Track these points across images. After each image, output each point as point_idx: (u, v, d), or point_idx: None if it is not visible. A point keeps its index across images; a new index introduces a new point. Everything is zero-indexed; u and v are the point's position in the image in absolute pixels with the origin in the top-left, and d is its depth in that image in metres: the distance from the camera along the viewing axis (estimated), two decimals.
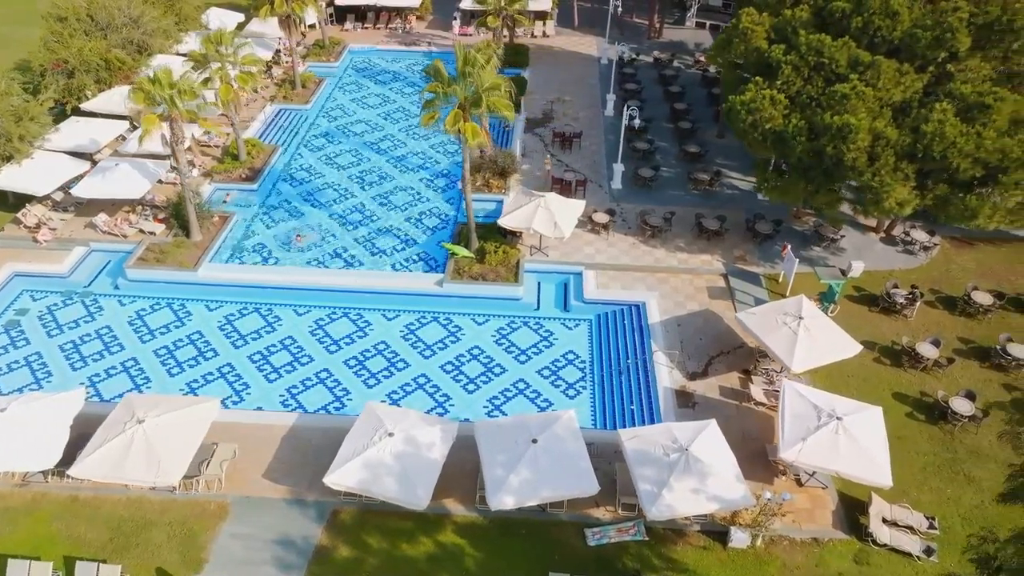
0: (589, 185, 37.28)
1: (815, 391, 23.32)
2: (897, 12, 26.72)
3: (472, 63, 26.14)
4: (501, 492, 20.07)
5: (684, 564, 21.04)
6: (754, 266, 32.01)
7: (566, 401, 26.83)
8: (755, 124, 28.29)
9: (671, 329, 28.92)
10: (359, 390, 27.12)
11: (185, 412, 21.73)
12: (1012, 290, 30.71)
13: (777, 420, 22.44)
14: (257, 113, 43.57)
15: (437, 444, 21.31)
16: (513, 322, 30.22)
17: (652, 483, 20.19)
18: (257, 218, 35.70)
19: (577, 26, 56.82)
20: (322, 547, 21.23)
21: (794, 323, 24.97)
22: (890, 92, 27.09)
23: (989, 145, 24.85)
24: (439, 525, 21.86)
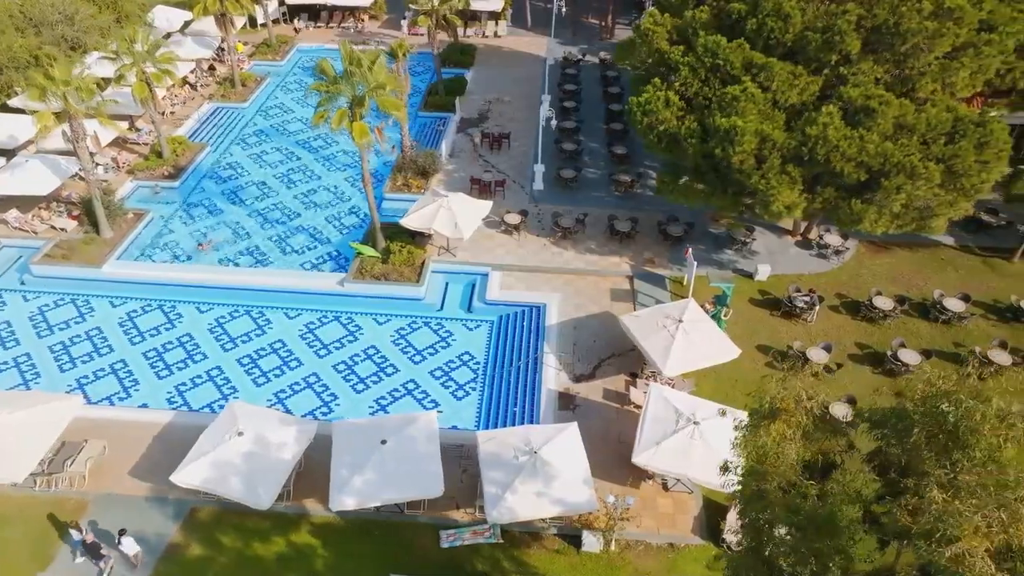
0: (511, 186, 37.16)
1: (682, 395, 23.15)
2: (789, 15, 26.49)
3: (357, 62, 26.05)
4: (343, 493, 20.01)
5: (535, 568, 20.93)
6: (662, 269, 31.83)
7: (453, 402, 26.75)
8: (651, 126, 28.14)
9: (567, 331, 28.80)
10: (247, 388, 27.09)
11: (41, 410, 21.73)
12: (919, 295, 30.47)
13: (639, 423, 22.28)
14: (193, 111, 43.63)
15: (290, 445, 21.27)
16: (414, 322, 30.14)
17: (498, 485, 20.09)
18: (175, 216, 35.78)
19: (530, 27, 56.69)
20: (174, 545, 21.21)
21: (673, 326, 24.80)
22: (785, 95, 26.90)
23: (872, 149, 24.64)
24: (295, 525, 21.81)
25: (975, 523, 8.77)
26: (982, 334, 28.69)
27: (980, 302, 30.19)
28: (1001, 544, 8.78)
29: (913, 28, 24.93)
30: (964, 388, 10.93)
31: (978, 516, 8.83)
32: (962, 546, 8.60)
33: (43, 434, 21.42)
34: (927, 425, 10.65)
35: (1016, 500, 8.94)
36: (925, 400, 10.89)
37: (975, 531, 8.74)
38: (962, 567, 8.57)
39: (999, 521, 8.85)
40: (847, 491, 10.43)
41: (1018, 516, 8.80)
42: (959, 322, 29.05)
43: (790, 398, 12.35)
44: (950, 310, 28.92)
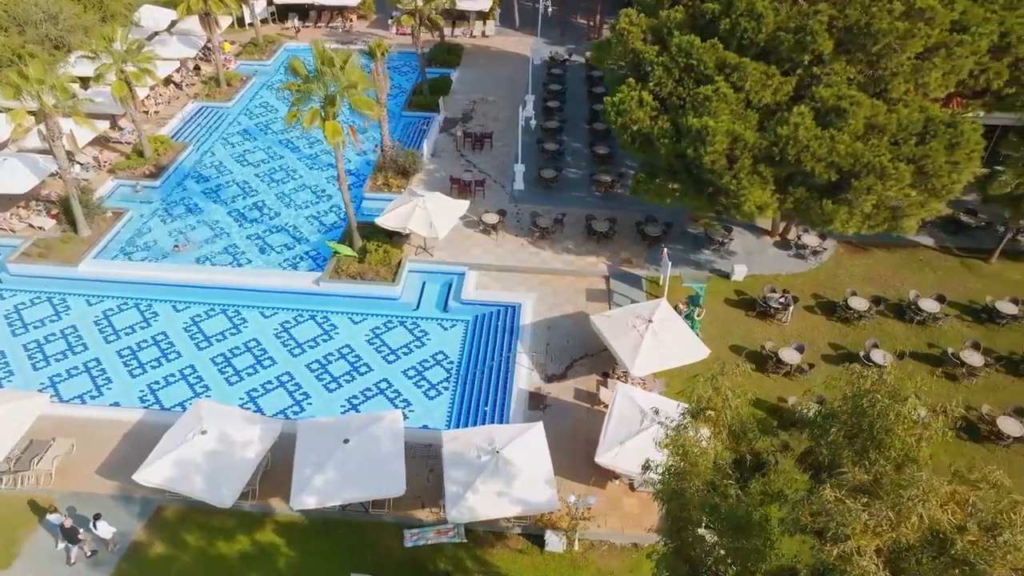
0: (492, 185, 37.17)
1: (649, 395, 23.12)
2: (762, 15, 26.46)
3: (329, 62, 26.06)
4: (304, 492, 20.01)
5: (497, 567, 20.93)
6: (639, 269, 31.81)
7: (425, 402, 26.73)
8: (625, 126, 28.13)
9: (540, 331, 28.79)
10: (220, 387, 27.08)
11: (6, 408, 21.76)
12: (895, 296, 30.43)
13: (604, 423, 22.26)
14: (178, 110, 43.67)
15: (254, 443, 21.27)
16: (390, 322, 30.14)
17: (459, 485, 20.08)
18: (155, 215, 35.81)
19: (518, 26, 56.69)
20: (138, 543, 21.21)
21: (643, 327, 24.78)
22: (759, 95, 26.88)
23: (842, 150, 24.61)
24: (260, 524, 21.81)
25: (863, 521, 8.74)
26: (956, 335, 28.65)
27: (956, 303, 30.15)
28: (890, 542, 8.75)
29: (884, 28, 24.89)
30: (883, 387, 10.90)
31: (865, 514, 8.80)
32: (851, 544, 8.58)
33: (8, 432, 21.42)
34: (846, 425, 10.64)
35: (908, 499, 8.90)
36: (846, 399, 10.87)
37: (864, 530, 8.71)
38: (848, 565, 8.55)
39: (887, 520, 8.82)
40: (768, 490, 10.41)
41: (906, 515, 8.77)
42: (934, 323, 29.01)
43: (718, 397, 12.32)
44: (925, 311, 28.88)
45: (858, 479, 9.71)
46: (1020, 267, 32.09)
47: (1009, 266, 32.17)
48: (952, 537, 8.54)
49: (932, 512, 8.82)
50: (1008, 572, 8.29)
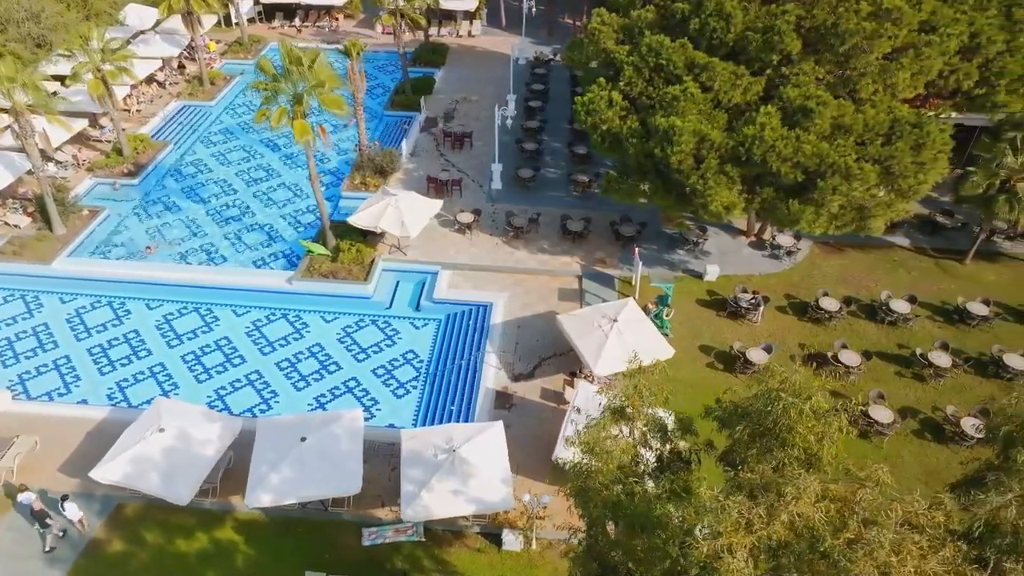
0: (470, 185, 37.19)
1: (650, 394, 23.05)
2: (731, 15, 26.46)
3: (297, 61, 26.09)
4: (259, 489, 20.04)
5: (455, 566, 20.94)
6: (613, 269, 31.81)
7: (393, 400, 26.76)
8: (595, 125, 28.14)
9: (510, 330, 28.81)
10: (188, 385, 27.12)
11: None
12: (867, 296, 30.40)
13: (564, 421, 22.26)
14: (160, 109, 43.75)
15: (213, 441, 21.32)
16: (361, 320, 30.16)
17: (415, 483, 20.11)
18: (133, 213, 35.87)
19: (505, 26, 56.71)
20: (97, 540, 21.26)
21: (608, 326, 24.79)
22: (728, 95, 26.87)
23: (808, 150, 24.59)
24: (220, 521, 21.85)
25: (734, 519, 8.73)
26: (927, 335, 28.60)
27: (928, 304, 30.12)
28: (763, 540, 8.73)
29: (851, 29, 24.90)
30: (789, 385, 10.90)
31: (736, 512, 8.79)
32: (723, 542, 8.56)
33: None
34: (752, 423, 10.65)
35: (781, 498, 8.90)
36: (755, 397, 10.87)
37: (736, 527, 8.69)
38: (717, 563, 8.53)
39: (759, 517, 8.80)
40: (673, 488, 10.39)
41: (777, 513, 8.75)
42: (904, 324, 28.98)
43: (636, 396, 12.32)
44: (896, 312, 28.85)
45: (765, 477, 9.69)
46: (994, 268, 32.05)
47: (983, 267, 32.13)
48: (822, 534, 8.53)
49: (804, 510, 8.81)
50: (871, 569, 8.26)
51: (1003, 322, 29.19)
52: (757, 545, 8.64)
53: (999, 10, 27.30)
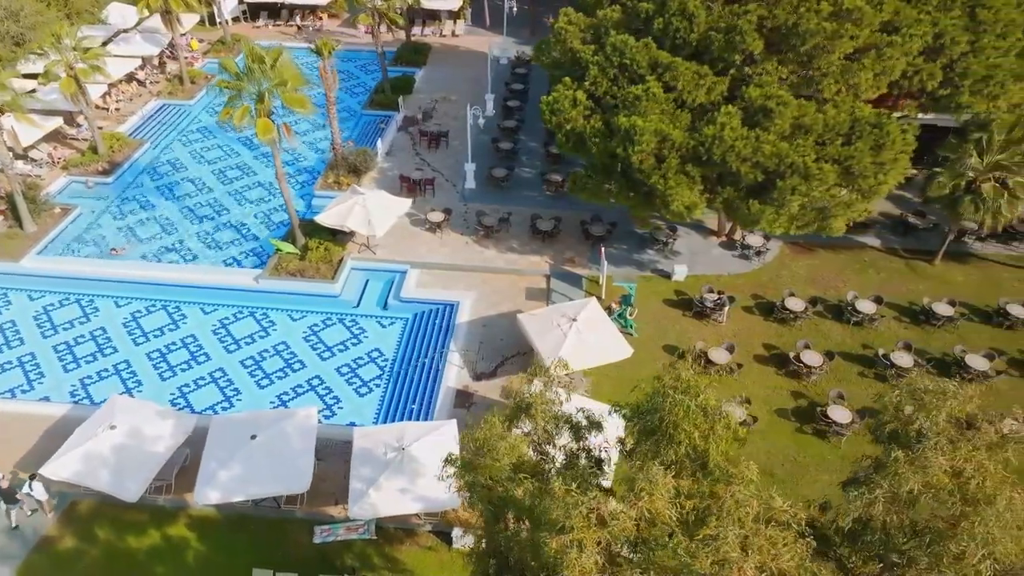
0: (444, 184, 37.22)
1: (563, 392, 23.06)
2: (694, 14, 26.47)
3: (259, 60, 26.14)
4: (208, 486, 20.09)
5: (405, 564, 20.97)
6: (582, 268, 31.83)
7: (355, 399, 26.80)
8: (559, 125, 28.16)
9: (475, 329, 28.84)
10: (152, 382, 27.17)
11: None
12: (835, 297, 30.37)
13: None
14: (138, 108, 43.84)
15: (165, 438, 21.37)
16: (328, 319, 30.20)
17: (363, 481, 20.14)
18: (106, 211, 35.95)
19: (489, 26, 56.73)
20: (48, 538, 21.30)
21: (567, 325, 24.82)
22: (692, 95, 26.88)
23: (767, 150, 24.60)
24: (173, 518, 21.89)
25: (583, 514, 8.75)
26: (892, 336, 28.56)
27: (896, 304, 30.09)
28: (607, 537, 8.75)
29: (812, 29, 24.88)
30: (680, 383, 10.91)
31: (584, 507, 8.81)
32: (573, 537, 8.58)
33: None
34: (642, 420, 10.67)
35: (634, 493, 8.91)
36: (649, 396, 10.90)
37: (585, 523, 8.71)
38: (563, 557, 8.56)
39: (606, 512, 8.85)
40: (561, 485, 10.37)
41: (615, 511, 8.77)
42: (870, 324, 28.95)
43: (537, 395, 12.35)
44: (862, 312, 28.83)
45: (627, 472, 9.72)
46: (963, 269, 32.01)
47: (952, 268, 32.09)
48: (674, 530, 8.55)
49: (657, 506, 8.84)
50: (712, 565, 8.27)
51: (968, 323, 29.16)
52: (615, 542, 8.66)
53: (963, 11, 27.24)
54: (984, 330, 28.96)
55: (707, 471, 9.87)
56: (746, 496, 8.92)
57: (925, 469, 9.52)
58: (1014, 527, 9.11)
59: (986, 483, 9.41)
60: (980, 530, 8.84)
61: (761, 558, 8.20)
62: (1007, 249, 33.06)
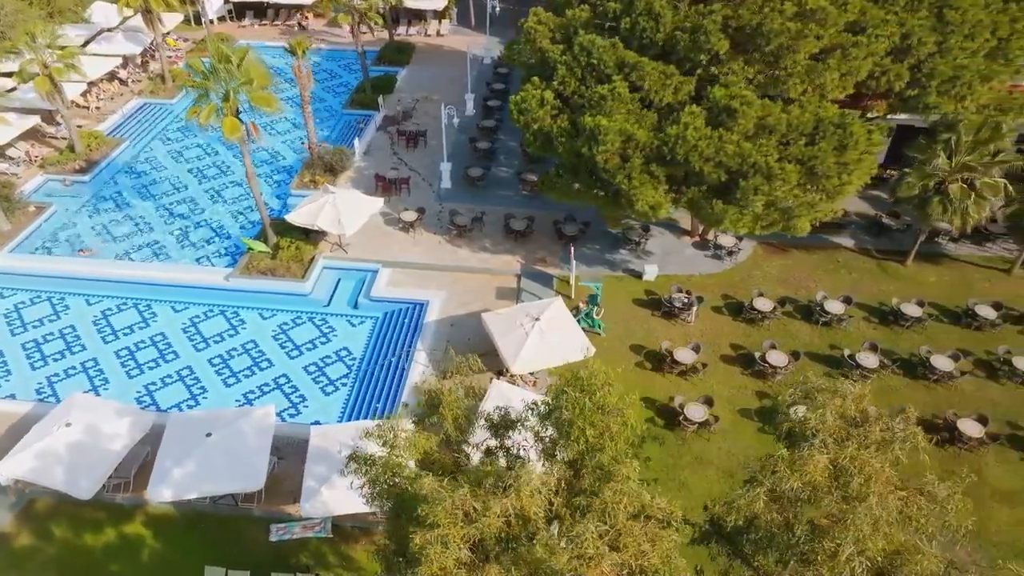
0: (420, 184, 37.24)
1: (524, 391, 23.14)
2: (660, 14, 26.45)
3: (225, 59, 26.17)
4: (162, 484, 20.12)
5: (359, 562, 21.01)
6: (554, 268, 31.83)
7: (321, 397, 26.83)
8: (527, 124, 28.18)
9: (443, 328, 28.85)
10: (119, 380, 27.23)
11: None
12: (806, 297, 30.36)
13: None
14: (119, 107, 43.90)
15: (122, 436, 21.40)
16: (298, 318, 30.23)
17: (317, 479, 20.16)
18: (82, 210, 36.01)
19: (474, 26, 56.74)
20: (5, 535, 21.35)
21: (529, 325, 24.83)
22: (659, 94, 26.86)
23: (730, 149, 24.59)
24: (130, 516, 21.93)
25: (448, 510, 8.76)
26: (861, 336, 28.53)
27: (865, 305, 30.07)
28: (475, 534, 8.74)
29: (776, 29, 24.84)
30: (578, 381, 10.91)
31: (449, 502, 8.83)
32: (439, 533, 8.58)
33: None
34: (543, 417, 10.68)
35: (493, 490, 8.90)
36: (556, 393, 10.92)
37: (452, 519, 8.72)
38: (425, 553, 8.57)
39: (472, 508, 8.84)
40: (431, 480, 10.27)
41: (487, 507, 8.77)
42: (838, 324, 28.94)
43: (449, 394, 12.37)
44: (830, 312, 28.81)
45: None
46: (935, 270, 31.99)
47: (925, 268, 32.07)
48: (539, 527, 8.57)
49: (524, 503, 8.84)
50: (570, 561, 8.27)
51: (937, 323, 29.14)
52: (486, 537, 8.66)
53: (930, 12, 27.19)
54: (953, 331, 28.94)
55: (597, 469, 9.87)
56: (615, 495, 8.91)
57: (802, 468, 9.52)
58: (886, 525, 9.12)
59: (870, 481, 9.39)
60: (852, 528, 8.84)
61: (623, 556, 8.18)
62: (980, 250, 33.04)
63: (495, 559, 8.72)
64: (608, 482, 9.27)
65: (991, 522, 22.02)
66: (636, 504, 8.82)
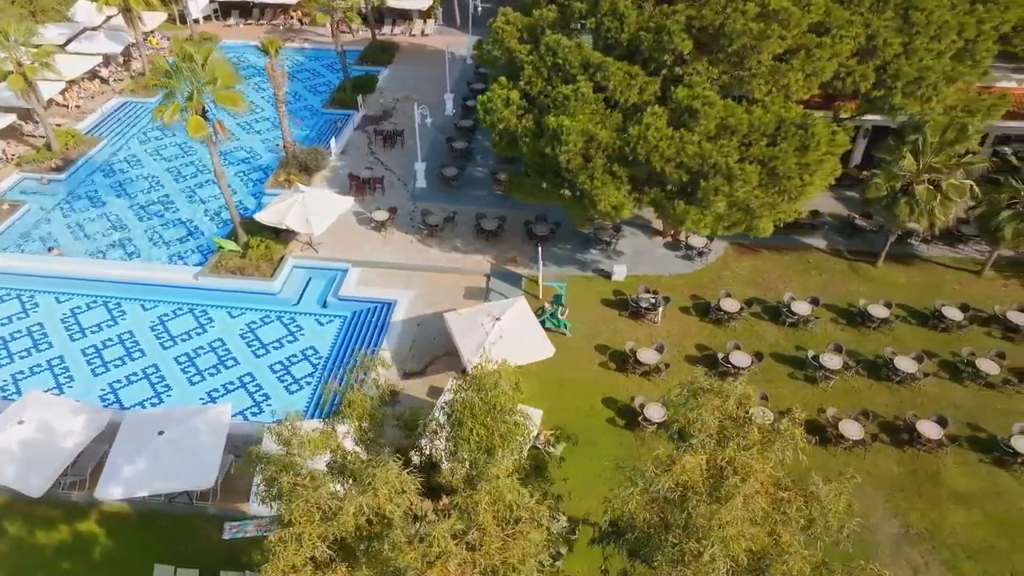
0: (395, 184, 37.26)
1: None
2: (624, 14, 26.45)
3: (189, 58, 26.21)
4: (112, 482, 20.16)
5: None
6: (524, 268, 31.84)
7: (285, 396, 26.88)
8: (493, 124, 28.19)
9: (410, 328, 28.88)
10: (84, 378, 27.29)
11: None
12: (774, 298, 30.31)
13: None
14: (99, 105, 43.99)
15: (76, 434, 21.46)
16: (267, 317, 30.27)
17: None
18: (57, 208, 36.09)
19: (459, 25, 56.73)
20: None
21: (490, 324, 24.83)
22: (625, 95, 26.85)
23: (691, 150, 24.58)
24: (84, 514, 21.97)
25: (302, 508, 8.77)
26: (828, 337, 28.48)
27: (834, 306, 30.03)
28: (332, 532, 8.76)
29: (738, 29, 24.83)
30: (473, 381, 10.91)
31: (303, 501, 8.84)
32: (295, 531, 8.60)
33: None
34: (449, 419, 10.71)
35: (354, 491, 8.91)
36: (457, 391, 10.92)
37: (307, 518, 8.73)
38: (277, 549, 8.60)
39: (327, 506, 8.85)
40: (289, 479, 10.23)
41: (339, 509, 8.78)
42: (805, 325, 28.90)
43: (356, 394, 12.40)
44: (797, 313, 28.78)
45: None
46: (905, 271, 31.93)
47: (895, 269, 32.00)
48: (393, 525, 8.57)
49: (380, 503, 8.86)
50: (416, 560, 8.27)
51: (904, 324, 29.09)
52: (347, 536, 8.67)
53: (896, 13, 27.16)
54: (920, 332, 28.88)
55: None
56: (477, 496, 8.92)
57: (670, 468, 9.51)
58: (750, 525, 9.10)
59: (748, 481, 9.38)
60: (715, 529, 8.82)
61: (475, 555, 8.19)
62: (952, 251, 32.98)
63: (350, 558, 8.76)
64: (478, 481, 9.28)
65: (946, 524, 22.00)
66: (501, 504, 8.82)
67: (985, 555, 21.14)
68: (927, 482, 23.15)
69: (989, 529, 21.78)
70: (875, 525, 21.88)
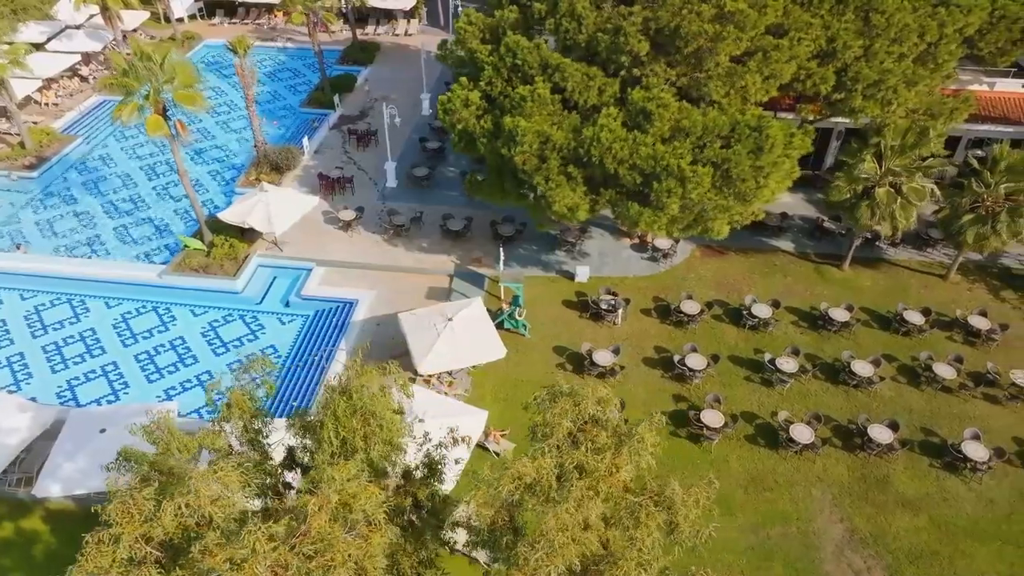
0: (366, 183, 37.30)
1: (431, 395, 23.12)
2: (582, 16, 26.43)
3: (146, 57, 26.27)
4: (50, 479, 20.23)
5: None
6: (488, 268, 31.82)
7: None
8: (452, 124, 28.19)
9: (369, 327, 28.89)
10: (43, 375, 27.39)
11: None
12: (737, 300, 30.22)
13: None
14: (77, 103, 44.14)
15: (20, 431, 21.52)
16: (229, 315, 30.33)
17: None
18: (27, 205, 36.23)
19: (443, 25, 56.73)
20: None
21: (442, 325, 24.83)
22: (583, 96, 26.83)
23: (644, 152, 24.53)
24: (29, 512, 22.05)
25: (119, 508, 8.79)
26: (788, 340, 28.40)
27: (797, 309, 29.95)
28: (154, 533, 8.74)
29: (694, 31, 24.79)
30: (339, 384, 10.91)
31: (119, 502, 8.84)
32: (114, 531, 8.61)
33: None
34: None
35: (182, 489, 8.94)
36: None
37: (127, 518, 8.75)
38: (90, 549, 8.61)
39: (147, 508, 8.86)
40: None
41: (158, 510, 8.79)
42: (765, 328, 28.80)
43: (237, 394, 12.42)
44: (758, 316, 28.69)
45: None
46: (871, 274, 31.79)
47: (861, 273, 31.88)
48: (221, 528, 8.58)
49: (202, 503, 8.86)
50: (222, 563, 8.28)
51: (866, 328, 28.99)
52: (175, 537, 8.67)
53: (856, 15, 27.05)
54: (880, 336, 28.77)
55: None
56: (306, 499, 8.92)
57: (506, 472, 9.49)
58: (576, 530, 9.06)
59: (599, 485, 9.34)
60: (544, 534, 8.78)
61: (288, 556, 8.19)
62: (919, 255, 32.84)
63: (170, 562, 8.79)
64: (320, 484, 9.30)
65: (891, 528, 21.91)
66: (339, 506, 8.82)
67: (927, 560, 21.05)
68: (875, 487, 23.05)
69: (933, 534, 21.68)
70: (819, 529, 21.81)
